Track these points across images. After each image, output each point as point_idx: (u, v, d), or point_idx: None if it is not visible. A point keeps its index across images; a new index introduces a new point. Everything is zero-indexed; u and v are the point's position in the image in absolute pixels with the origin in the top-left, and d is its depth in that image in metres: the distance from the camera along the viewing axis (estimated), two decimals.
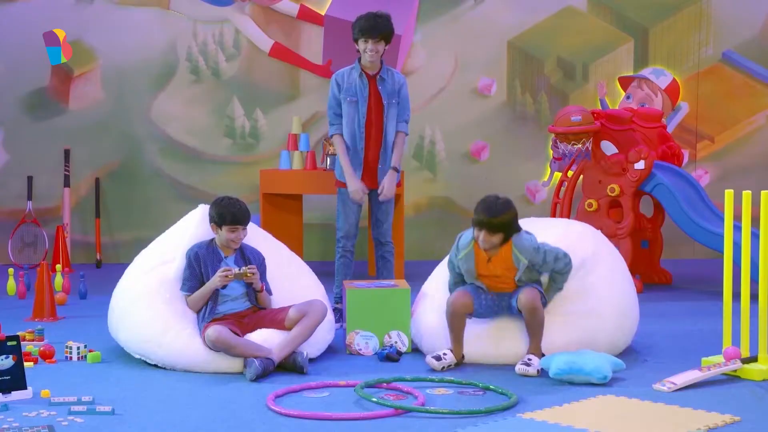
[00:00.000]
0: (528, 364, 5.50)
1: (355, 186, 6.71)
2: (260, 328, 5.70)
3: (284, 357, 5.55)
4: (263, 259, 5.93)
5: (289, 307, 5.76)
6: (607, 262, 6.09)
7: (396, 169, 6.79)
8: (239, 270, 5.68)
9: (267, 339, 5.60)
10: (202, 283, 5.75)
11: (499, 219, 5.56)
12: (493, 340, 5.79)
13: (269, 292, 5.88)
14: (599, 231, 6.34)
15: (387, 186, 6.75)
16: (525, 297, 5.61)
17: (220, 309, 5.74)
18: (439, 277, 6.18)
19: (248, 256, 5.86)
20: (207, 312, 5.71)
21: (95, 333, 6.38)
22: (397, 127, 6.76)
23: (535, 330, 5.64)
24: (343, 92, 6.69)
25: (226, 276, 5.66)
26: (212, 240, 5.85)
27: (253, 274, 5.69)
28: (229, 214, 5.73)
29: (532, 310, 5.61)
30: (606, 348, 5.69)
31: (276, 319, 5.73)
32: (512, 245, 5.63)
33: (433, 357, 5.64)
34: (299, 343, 5.62)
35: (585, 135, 8.13)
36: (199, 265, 5.77)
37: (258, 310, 5.83)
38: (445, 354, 5.66)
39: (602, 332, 5.79)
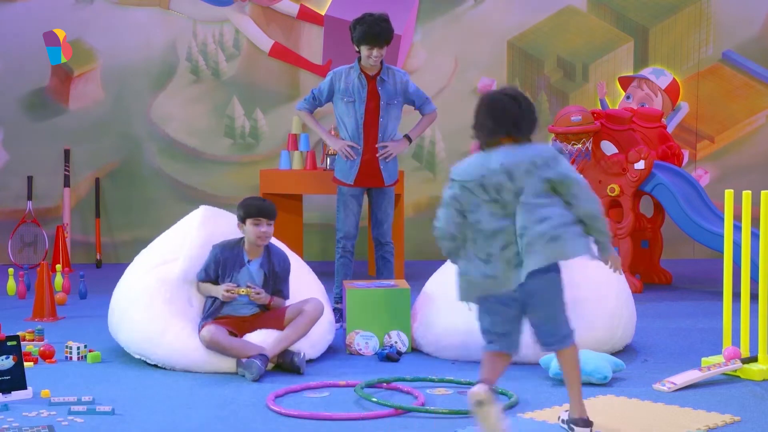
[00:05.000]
0: None
1: (338, 144, 6.73)
2: (260, 328, 5.69)
3: (278, 353, 5.54)
4: (289, 264, 5.86)
5: (287, 306, 5.75)
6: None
7: (409, 139, 6.80)
8: (244, 289, 5.65)
9: (265, 339, 5.60)
10: (215, 281, 5.75)
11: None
12: None
13: (286, 297, 5.84)
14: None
15: (392, 146, 6.73)
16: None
17: (225, 310, 5.72)
18: (441, 277, 6.17)
19: (273, 261, 5.79)
20: (211, 309, 5.70)
21: (95, 333, 6.38)
22: (424, 111, 6.80)
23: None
24: (339, 92, 6.68)
25: (231, 294, 5.64)
26: (240, 240, 5.80)
27: (258, 294, 5.67)
28: (253, 207, 5.70)
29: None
30: (598, 349, 5.67)
31: (275, 320, 5.72)
32: None
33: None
34: (293, 340, 5.60)
35: (585, 135, 8.12)
36: (217, 267, 5.74)
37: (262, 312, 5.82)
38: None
39: (594, 332, 5.77)
